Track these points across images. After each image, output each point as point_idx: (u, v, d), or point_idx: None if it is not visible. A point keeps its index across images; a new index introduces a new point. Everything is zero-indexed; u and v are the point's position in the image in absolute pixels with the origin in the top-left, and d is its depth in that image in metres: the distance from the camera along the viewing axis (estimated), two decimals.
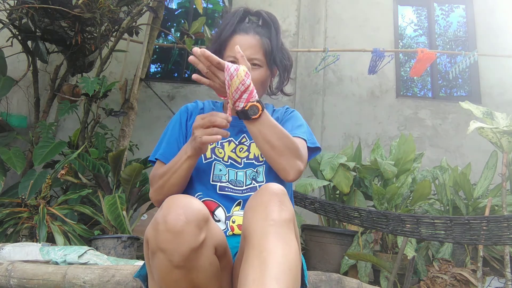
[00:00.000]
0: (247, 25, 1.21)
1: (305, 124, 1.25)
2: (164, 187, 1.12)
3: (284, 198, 0.89)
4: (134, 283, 1.62)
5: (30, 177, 2.71)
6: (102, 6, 2.78)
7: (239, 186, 1.16)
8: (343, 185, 3.07)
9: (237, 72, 0.98)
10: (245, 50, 1.15)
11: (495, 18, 4.70)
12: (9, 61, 3.30)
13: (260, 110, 1.02)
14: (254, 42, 1.18)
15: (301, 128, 1.21)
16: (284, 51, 1.24)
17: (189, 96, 4.37)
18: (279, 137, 1.06)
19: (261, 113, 1.03)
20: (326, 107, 4.44)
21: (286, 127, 1.17)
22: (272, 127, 1.06)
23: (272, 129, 1.06)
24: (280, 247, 0.81)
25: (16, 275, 1.67)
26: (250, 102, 1.01)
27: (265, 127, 1.05)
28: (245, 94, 1.00)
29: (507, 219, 1.81)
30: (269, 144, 1.05)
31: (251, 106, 1.01)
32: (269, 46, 1.19)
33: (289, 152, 1.06)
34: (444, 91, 5.16)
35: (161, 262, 0.82)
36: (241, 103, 1.01)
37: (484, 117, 2.75)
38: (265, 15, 1.23)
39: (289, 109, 1.30)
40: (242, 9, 1.23)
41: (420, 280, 2.86)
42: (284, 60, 1.23)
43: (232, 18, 1.21)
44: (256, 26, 1.22)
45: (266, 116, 1.05)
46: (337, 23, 4.68)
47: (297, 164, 1.08)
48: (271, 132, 1.05)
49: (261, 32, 1.20)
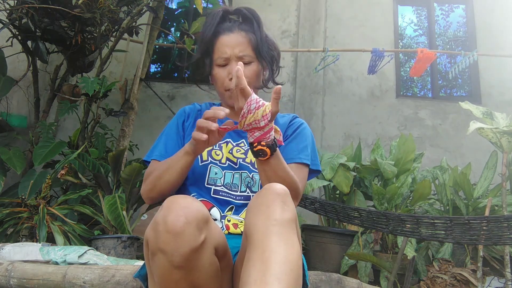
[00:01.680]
0: (230, 24, 1.21)
1: (311, 142, 1.23)
2: (157, 183, 1.11)
3: (286, 198, 0.89)
4: (134, 283, 1.62)
5: (30, 177, 2.71)
6: (102, 6, 2.77)
7: (233, 191, 1.16)
8: (343, 185, 3.07)
9: (256, 111, 0.93)
10: (233, 48, 1.16)
11: (495, 18, 4.70)
12: (9, 61, 3.30)
13: (269, 154, 0.99)
14: (241, 39, 1.18)
15: (306, 151, 1.19)
16: (270, 42, 1.23)
17: (189, 96, 4.37)
18: (281, 178, 1.03)
19: (269, 156, 1.00)
20: (326, 107, 4.44)
21: (291, 148, 1.17)
22: (276, 170, 1.03)
23: (276, 172, 1.03)
24: (282, 247, 0.81)
25: (16, 275, 1.67)
26: (260, 145, 0.98)
27: (269, 169, 1.03)
28: (257, 132, 0.96)
29: (507, 219, 1.81)
30: (269, 180, 1.03)
31: (259, 149, 0.98)
32: (255, 40, 1.19)
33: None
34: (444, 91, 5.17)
35: (161, 263, 0.82)
36: (251, 138, 0.98)
37: (484, 117, 2.75)
38: (245, 11, 1.23)
39: (297, 121, 1.27)
40: (221, 10, 1.23)
41: (420, 280, 2.86)
42: (271, 51, 1.23)
43: (213, 19, 1.20)
44: (238, 23, 1.21)
45: (274, 159, 1.02)
46: (337, 23, 4.68)
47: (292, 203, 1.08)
48: (274, 174, 1.03)
49: (245, 28, 1.20)
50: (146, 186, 1.15)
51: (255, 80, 1.20)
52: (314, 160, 1.21)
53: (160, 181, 1.11)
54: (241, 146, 1.21)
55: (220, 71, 1.19)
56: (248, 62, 1.18)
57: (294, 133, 1.23)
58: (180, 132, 1.24)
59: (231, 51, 1.17)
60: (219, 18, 1.21)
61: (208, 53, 1.21)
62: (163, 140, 1.23)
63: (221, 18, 1.21)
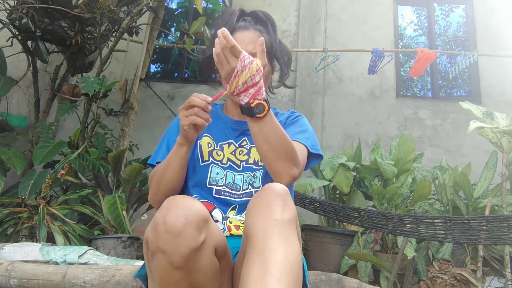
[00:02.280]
0: (245, 23, 1.23)
1: (310, 130, 1.23)
2: (160, 184, 1.11)
3: (287, 198, 0.89)
4: (134, 283, 1.62)
5: (30, 177, 2.71)
6: (102, 6, 2.77)
7: (235, 190, 1.16)
8: (343, 185, 3.07)
9: (250, 66, 0.95)
10: (247, 44, 1.17)
11: (495, 18, 4.70)
12: (9, 61, 3.30)
13: (266, 109, 1.01)
14: (255, 37, 1.19)
15: (304, 134, 1.19)
16: (283, 46, 1.27)
17: (188, 96, 4.27)
18: (278, 139, 1.04)
19: (266, 112, 1.01)
20: (326, 107, 4.44)
21: (288, 131, 1.16)
22: (273, 128, 1.04)
23: (274, 130, 1.04)
24: (283, 247, 0.81)
25: (16, 275, 1.67)
26: (257, 99, 0.99)
27: (267, 127, 1.03)
28: (252, 89, 0.98)
29: (506, 219, 1.81)
30: (267, 144, 1.03)
31: (258, 104, 0.99)
32: (269, 41, 1.21)
33: (286, 156, 1.04)
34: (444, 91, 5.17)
35: (161, 263, 0.82)
36: (245, 98, 0.99)
37: (484, 117, 2.75)
38: (260, 14, 1.26)
39: (295, 114, 1.29)
40: (238, 10, 1.25)
41: (420, 280, 2.86)
42: (284, 54, 1.25)
43: (230, 17, 1.22)
44: (254, 23, 1.24)
45: (270, 116, 1.03)
46: (337, 23, 4.68)
47: (292, 169, 1.06)
48: (271, 133, 1.03)
49: (259, 28, 1.23)
50: (151, 191, 1.15)
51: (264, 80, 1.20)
52: (315, 146, 1.21)
53: (162, 180, 1.11)
54: (243, 145, 1.21)
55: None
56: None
57: (291, 121, 1.25)
58: None
59: (244, 47, 1.16)
60: (236, 17, 1.23)
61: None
62: (165, 143, 1.23)
63: (237, 17, 1.24)
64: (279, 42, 1.25)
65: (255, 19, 1.26)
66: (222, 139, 1.21)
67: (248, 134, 1.20)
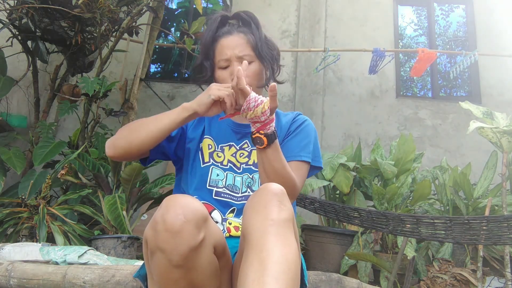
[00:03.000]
0: (228, 27, 1.23)
1: (313, 138, 1.23)
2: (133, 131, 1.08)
3: (283, 198, 0.89)
4: (134, 283, 1.62)
5: (30, 177, 2.71)
6: (102, 6, 2.77)
7: (235, 192, 1.16)
8: (343, 185, 3.07)
9: (255, 109, 0.99)
10: (233, 49, 1.18)
11: (495, 18, 4.70)
12: (9, 61, 3.30)
13: (265, 143, 1.02)
14: (240, 40, 1.19)
15: (308, 147, 1.19)
16: (269, 42, 1.25)
17: (189, 96, 4.37)
18: (277, 173, 1.05)
19: (265, 146, 1.03)
20: (326, 107, 4.44)
21: (293, 145, 1.18)
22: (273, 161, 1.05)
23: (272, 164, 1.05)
24: (280, 246, 0.81)
25: (16, 275, 1.67)
26: (259, 133, 1.03)
27: (266, 159, 1.05)
28: (258, 124, 1.03)
29: (506, 219, 1.81)
30: (266, 173, 1.05)
31: (257, 137, 1.03)
32: (254, 41, 1.20)
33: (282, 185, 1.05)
34: (444, 91, 5.17)
35: (160, 262, 0.82)
36: (252, 128, 1.04)
37: (484, 117, 2.75)
38: (243, 15, 1.25)
39: (300, 118, 1.28)
40: (219, 15, 1.25)
41: (420, 280, 2.86)
42: (270, 51, 1.24)
43: (212, 24, 1.23)
44: (237, 26, 1.23)
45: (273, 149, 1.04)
46: (337, 23, 4.68)
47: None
48: (271, 165, 1.05)
49: (243, 30, 1.22)
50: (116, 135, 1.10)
51: (256, 79, 1.20)
52: (317, 157, 1.21)
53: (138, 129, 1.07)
54: (244, 148, 1.22)
55: (223, 73, 1.19)
56: (249, 62, 1.19)
57: (297, 129, 1.24)
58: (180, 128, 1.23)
59: (231, 52, 1.18)
60: (218, 23, 1.23)
61: (209, 57, 1.22)
62: None
63: (220, 23, 1.23)
64: (265, 39, 1.23)
65: (239, 21, 1.25)
66: (223, 141, 1.22)
67: (249, 136, 1.20)
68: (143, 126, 1.07)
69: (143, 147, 1.07)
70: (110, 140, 1.10)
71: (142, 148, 1.08)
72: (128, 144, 1.08)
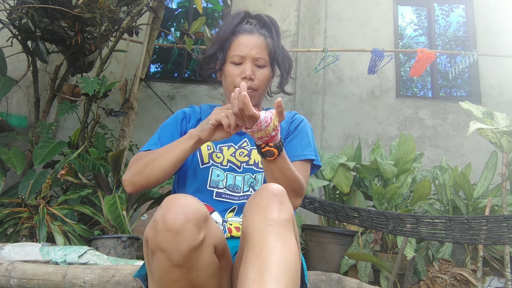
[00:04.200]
0: (250, 26, 1.22)
1: (312, 137, 1.24)
2: (148, 167, 1.08)
3: (283, 198, 0.89)
4: (134, 283, 1.62)
5: (30, 177, 2.71)
6: (102, 6, 2.77)
7: (236, 192, 1.16)
8: (343, 185, 3.07)
9: (267, 129, 0.95)
10: (251, 49, 1.18)
11: (495, 18, 4.70)
12: (9, 61, 3.30)
13: (276, 154, 1.01)
14: (260, 42, 1.19)
15: (310, 146, 1.20)
16: (285, 52, 1.26)
17: (189, 96, 4.37)
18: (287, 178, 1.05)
19: (276, 156, 1.01)
20: (326, 107, 4.44)
21: (295, 145, 1.19)
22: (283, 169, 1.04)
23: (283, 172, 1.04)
24: (280, 247, 0.81)
25: (16, 275, 1.67)
26: (268, 146, 1.00)
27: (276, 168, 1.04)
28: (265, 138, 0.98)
29: (506, 219, 1.81)
30: (275, 180, 1.04)
31: (268, 150, 1.00)
32: (272, 47, 1.21)
33: (292, 192, 1.05)
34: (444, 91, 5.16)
35: (160, 262, 0.82)
36: (258, 141, 1.00)
37: (484, 117, 2.75)
38: (266, 18, 1.25)
39: (297, 117, 1.28)
40: (243, 12, 1.25)
41: (420, 280, 2.86)
42: (286, 61, 1.25)
43: (234, 19, 1.22)
44: (259, 27, 1.23)
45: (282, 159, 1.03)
46: (337, 23, 4.68)
47: (296, 202, 1.09)
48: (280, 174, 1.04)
49: (264, 33, 1.22)
50: (131, 171, 1.11)
51: (265, 84, 1.21)
52: (317, 156, 1.22)
53: (152, 164, 1.08)
54: (243, 147, 1.22)
55: (233, 68, 1.19)
56: (262, 66, 1.20)
57: (296, 129, 1.24)
58: (178, 128, 1.23)
59: (248, 51, 1.18)
60: (240, 18, 1.23)
61: (223, 49, 1.21)
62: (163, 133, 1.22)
63: (242, 19, 1.23)
64: (282, 48, 1.25)
65: (260, 23, 1.25)
66: (221, 141, 1.21)
67: (248, 135, 1.20)
68: (157, 162, 1.08)
69: (159, 181, 1.10)
70: (128, 178, 1.10)
71: (159, 182, 1.10)
72: (146, 181, 1.09)
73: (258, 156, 1.18)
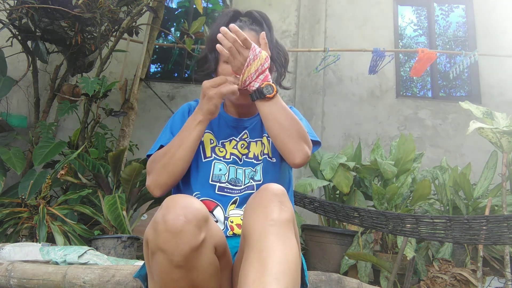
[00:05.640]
0: (240, 23, 1.22)
1: (305, 120, 1.27)
2: (169, 164, 1.09)
3: (284, 198, 0.89)
4: (134, 283, 1.62)
5: (30, 177, 2.71)
6: (102, 6, 2.77)
7: (238, 186, 1.16)
8: (343, 185, 3.07)
9: (260, 54, 1.06)
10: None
11: (495, 18, 4.70)
12: (9, 61, 3.30)
13: (275, 90, 1.08)
14: (251, 37, 1.17)
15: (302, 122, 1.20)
16: (279, 47, 1.26)
17: (189, 96, 4.37)
18: (289, 119, 1.09)
19: (275, 93, 1.08)
20: (326, 107, 4.44)
21: None
22: (283, 108, 1.10)
23: (283, 111, 1.10)
24: (280, 247, 0.81)
25: (16, 275, 1.67)
26: (266, 82, 1.08)
27: (277, 108, 1.09)
28: (261, 75, 1.08)
29: (507, 219, 1.81)
30: (279, 124, 1.08)
31: (267, 85, 1.08)
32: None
33: (297, 135, 1.09)
34: (444, 91, 5.16)
35: (161, 262, 0.82)
36: (256, 83, 1.07)
37: (484, 117, 2.75)
38: (256, 14, 1.25)
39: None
40: (232, 10, 1.25)
41: (420, 280, 2.86)
42: (280, 55, 1.25)
43: (224, 18, 1.23)
44: (249, 24, 1.23)
45: (278, 98, 1.10)
46: (337, 23, 4.68)
47: (304, 148, 1.09)
48: (282, 113, 1.09)
49: (255, 29, 1.22)
50: (153, 175, 1.11)
51: None
52: (312, 133, 1.22)
53: (172, 160, 1.09)
54: (244, 138, 1.22)
55: (227, 67, 1.19)
56: None
57: None
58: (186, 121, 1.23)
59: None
60: (230, 17, 1.23)
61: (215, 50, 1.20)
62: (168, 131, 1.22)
63: (232, 18, 1.24)
64: (276, 43, 1.24)
65: (250, 19, 1.25)
66: (223, 137, 1.22)
67: (249, 129, 1.21)
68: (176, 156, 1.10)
69: (183, 172, 1.13)
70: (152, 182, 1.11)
71: (183, 172, 1.13)
72: (171, 179, 1.11)
73: (257, 149, 1.19)
